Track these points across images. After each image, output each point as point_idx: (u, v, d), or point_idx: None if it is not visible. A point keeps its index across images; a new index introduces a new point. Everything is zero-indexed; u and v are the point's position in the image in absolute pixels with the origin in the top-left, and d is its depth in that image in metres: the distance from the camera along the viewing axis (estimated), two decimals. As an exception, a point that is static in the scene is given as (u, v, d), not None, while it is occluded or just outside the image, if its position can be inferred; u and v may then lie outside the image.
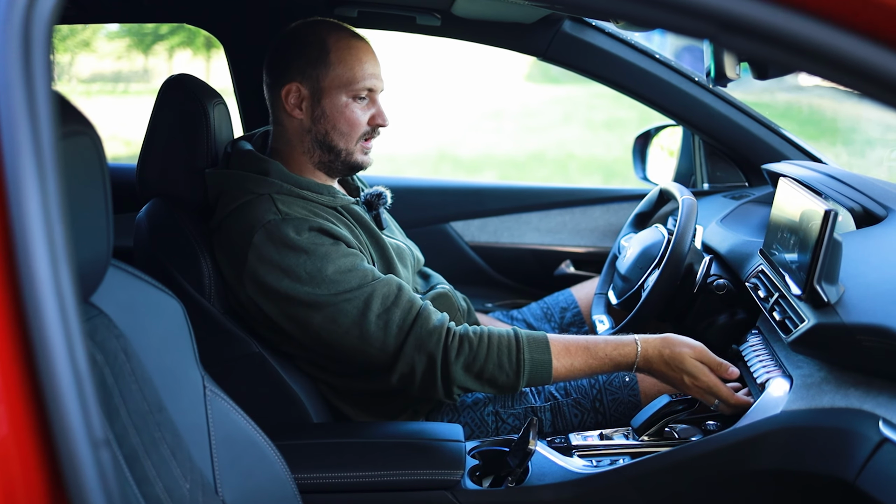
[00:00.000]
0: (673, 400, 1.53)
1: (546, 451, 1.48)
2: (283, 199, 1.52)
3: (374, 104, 1.59)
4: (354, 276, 1.46)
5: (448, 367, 1.45)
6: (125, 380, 1.03)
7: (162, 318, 1.16)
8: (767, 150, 2.07)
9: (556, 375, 1.49)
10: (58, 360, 0.74)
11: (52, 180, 0.75)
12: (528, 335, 1.49)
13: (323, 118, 1.56)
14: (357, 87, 1.55)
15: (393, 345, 1.45)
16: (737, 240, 1.77)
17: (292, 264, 1.44)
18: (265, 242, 1.46)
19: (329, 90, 1.55)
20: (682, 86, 2.04)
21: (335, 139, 1.57)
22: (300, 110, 1.56)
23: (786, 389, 1.37)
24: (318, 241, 1.47)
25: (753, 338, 1.60)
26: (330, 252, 1.46)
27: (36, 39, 0.74)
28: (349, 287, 1.45)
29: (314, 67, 1.54)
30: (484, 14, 1.90)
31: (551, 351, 1.48)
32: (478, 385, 1.48)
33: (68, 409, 0.74)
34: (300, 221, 1.48)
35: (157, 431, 1.06)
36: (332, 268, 1.45)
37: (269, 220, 1.47)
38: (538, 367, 1.47)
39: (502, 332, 1.49)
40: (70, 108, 0.87)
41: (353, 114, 1.56)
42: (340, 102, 1.55)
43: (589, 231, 2.41)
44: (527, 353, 1.46)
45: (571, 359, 1.49)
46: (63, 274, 0.76)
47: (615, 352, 1.50)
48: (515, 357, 1.46)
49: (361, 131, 1.58)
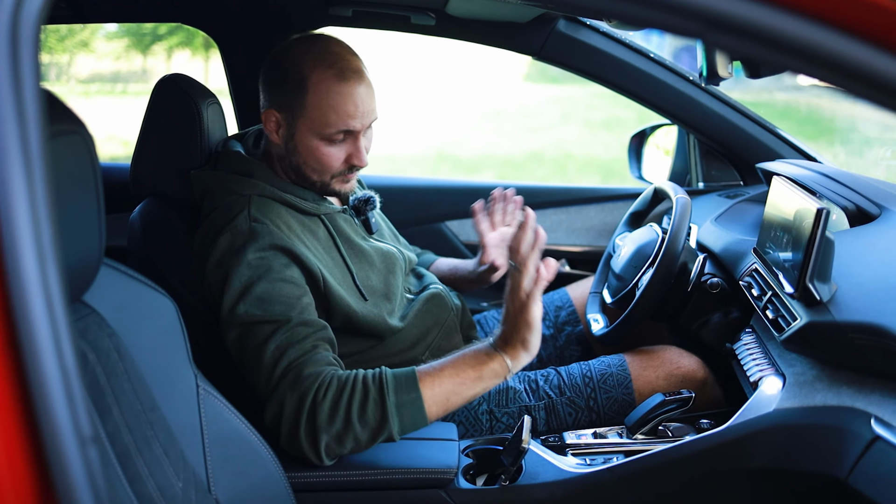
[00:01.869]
0: (666, 399, 1.53)
1: (540, 450, 1.48)
2: (264, 202, 1.50)
3: (353, 144, 1.52)
4: (278, 306, 1.39)
5: (315, 408, 1.31)
6: (117, 378, 1.03)
7: (155, 317, 1.16)
8: (762, 148, 2.07)
9: (432, 411, 1.36)
10: (45, 357, 0.74)
11: (40, 180, 0.74)
12: (395, 375, 1.36)
13: (296, 152, 1.53)
14: (329, 132, 1.49)
15: (274, 380, 1.35)
16: (731, 238, 1.77)
17: (234, 272, 1.42)
18: (225, 246, 1.45)
19: (301, 129, 1.50)
20: (677, 85, 2.05)
21: (308, 172, 1.55)
22: (277, 136, 1.54)
23: (779, 387, 1.37)
24: (269, 258, 1.42)
25: (747, 336, 1.60)
26: (272, 270, 1.41)
27: (24, 38, 0.74)
28: (267, 314, 1.38)
29: (290, 102, 1.50)
30: (478, 13, 1.91)
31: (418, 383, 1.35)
32: (348, 432, 1.32)
33: (56, 406, 0.74)
34: (265, 235, 1.44)
35: (149, 430, 1.06)
36: (261, 288, 1.40)
37: (235, 225, 1.46)
38: (408, 408, 1.34)
39: (371, 375, 1.36)
40: (61, 107, 0.87)
41: (323, 156, 1.51)
42: (311, 144, 1.51)
43: (584, 230, 2.41)
44: (390, 392, 1.33)
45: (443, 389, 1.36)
46: (51, 273, 0.75)
47: (479, 366, 1.37)
48: (378, 397, 1.33)
49: (334, 171, 1.54)
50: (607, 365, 1.71)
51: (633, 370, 1.69)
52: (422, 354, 1.67)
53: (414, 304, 1.69)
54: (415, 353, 1.66)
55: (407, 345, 1.66)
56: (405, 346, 1.65)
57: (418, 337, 1.67)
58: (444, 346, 1.71)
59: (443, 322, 1.72)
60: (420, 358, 1.66)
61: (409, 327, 1.66)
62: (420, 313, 1.68)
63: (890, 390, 1.21)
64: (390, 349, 1.63)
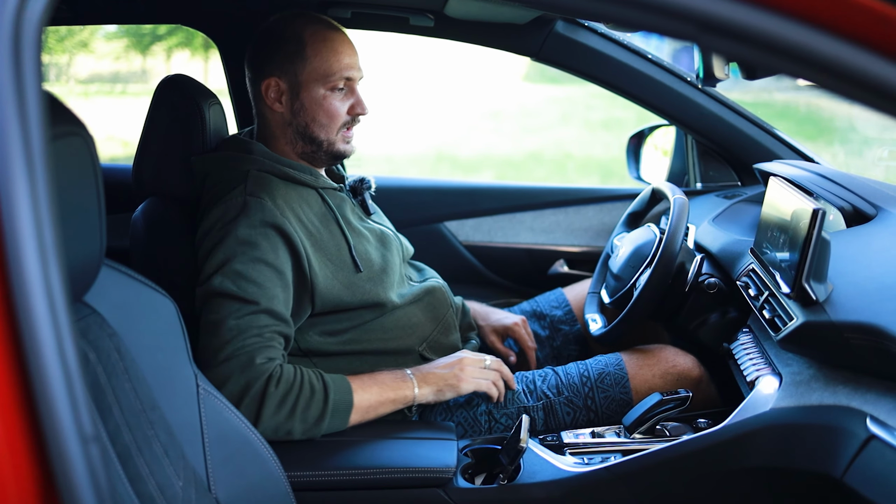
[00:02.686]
0: (664, 398, 1.54)
1: (538, 449, 1.49)
2: (262, 177, 1.55)
3: (353, 94, 1.61)
4: (251, 287, 1.43)
5: (264, 397, 1.39)
6: (118, 378, 1.04)
7: (155, 316, 1.16)
8: (759, 149, 2.08)
9: (353, 418, 1.48)
10: (47, 357, 0.75)
11: (43, 181, 0.75)
12: (333, 378, 1.48)
13: (302, 111, 1.59)
14: (333, 78, 1.57)
15: (225, 354, 1.40)
16: (728, 239, 1.78)
17: (221, 243, 1.46)
18: (217, 216, 1.50)
19: (307, 84, 1.58)
20: (675, 86, 2.05)
21: (316, 130, 1.60)
22: (280, 104, 1.60)
23: (775, 387, 1.38)
24: (258, 236, 1.46)
25: (744, 336, 1.61)
26: (258, 248, 1.46)
27: (26, 41, 0.75)
28: (239, 291, 1.42)
29: (291, 62, 1.57)
30: (476, 15, 1.91)
31: (352, 389, 1.48)
32: (287, 424, 1.41)
33: (58, 405, 0.75)
34: (258, 210, 1.48)
35: (150, 429, 1.07)
36: (242, 264, 1.44)
37: (231, 197, 1.50)
38: (339, 407, 1.45)
39: (315, 374, 1.46)
40: (62, 108, 0.88)
41: (331, 105, 1.59)
42: (318, 95, 1.58)
43: (582, 231, 2.42)
44: (332, 393, 1.45)
45: (368, 396, 1.50)
46: (53, 273, 0.76)
47: (398, 392, 1.53)
48: (323, 398, 1.44)
49: (341, 121, 1.61)
50: (604, 364, 1.72)
51: (630, 369, 1.70)
52: (419, 346, 1.68)
53: (414, 289, 1.71)
54: (411, 341, 1.68)
55: (405, 330, 1.67)
56: (403, 331, 1.67)
57: (416, 324, 1.69)
58: (443, 342, 1.72)
59: (442, 317, 1.73)
60: (417, 349, 1.67)
61: (409, 309, 1.68)
62: (419, 301, 1.71)
63: (885, 389, 1.21)
64: (388, 331, 1.66)
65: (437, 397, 1.57)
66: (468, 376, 1.59)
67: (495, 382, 1.61)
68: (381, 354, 1.64)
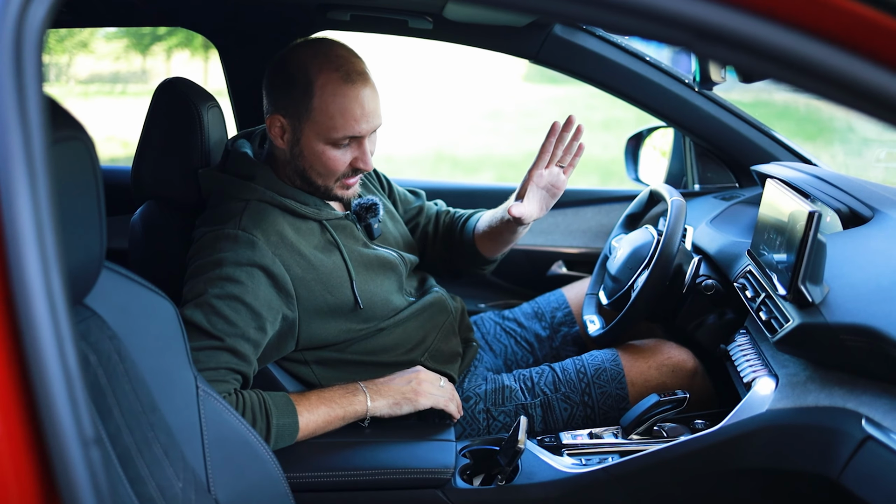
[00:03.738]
0: (661, 399, 1.55)
1: (536, 450, 1.49)
2: (261, 208, 1.51)
3: (359, 148, 1.52)
4: (220, 324, 1.40)
5: None
6: (118, 380, 1.04)
7: (155, 319, 1.17)
8: (757, 151, 2.08)
9: (300, 437, 1.47)
10: (48, 359, 0.75)
11: (44, 185, 0.75)
12: (272, 398, 1.45)
13: (301, 156, 1.53)
14: (336, 136, 1.49)
15: None
16: (725, 240, 1.79)
17: (202, 273, 1.43)
18: (206, 244, 1.47)
19: (307, 133, 1.50)
20: (673, 88, 2.06)
21: (313, 177, 1.55)
22: (282, 141, 1.54)
23: (772, 388, 1.39)
24: (241, 276, 1.43)
25: (741, 337, 1.62)
26: (238, 286, 1.42)
27: (28, 44, 0.75)
28: (206, 325, 1.39)
29: (296, 107, 1.49)
30: (475, 18, 1.92)
31: (297, 412, 1.46)
32: None
33: (58, 407, 0.75)
34: (247, 248, 1.45)
35: (150, 431, 1.07)
36: (217, 299, 1.40)
37: (223, 228, 1.47)
38: (284, 431, 1.44)
39: (253, 397, 1.43)
40: (62, 112, 0.88)
41: (329, 160, 1.51)
42: (317, 148, 1.51)
43: (581, 232, 2.43)
44: (275, 417, 1.42)
45: (314, 417, 1.48)
46: (54, 276, 0.76)
47: (348, 408, 1.51)
48: (265, 425, 1.41)
49: (340, 174, 1.54)
50: (601, 360, 1.72)
51: (625, 363, 1.71)
52: (420, 356, 1.68)
53: (414, 307, 1.70)
54: (413, 355, 1.68)
55: (406, 347, 1.67)
56: (403, 347, 1.67)
57: (418, 340, 1.69)
58: (443, 349, 1.73)
59: (441, 325, 1.74)
60: (419, 360, 1.68)
61: (409, 325, 1.67)
62: (419, 317, 1.70)
63: (881, 391, 1.22)
64: (388, 348, 1.65)
65: (393, 411, 1.54)
66: (425, 391, 1.57)
67: (452, 400, 1.60)
68: (382, 366, 1.64)
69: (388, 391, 1.55)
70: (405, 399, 1.55)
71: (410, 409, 1.55)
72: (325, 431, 1.50)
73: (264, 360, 1.52)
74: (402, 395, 1.55)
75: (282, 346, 1.54)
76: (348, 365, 1.62)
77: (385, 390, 1.55)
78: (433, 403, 1.57)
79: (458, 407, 1.63)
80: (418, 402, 1.56)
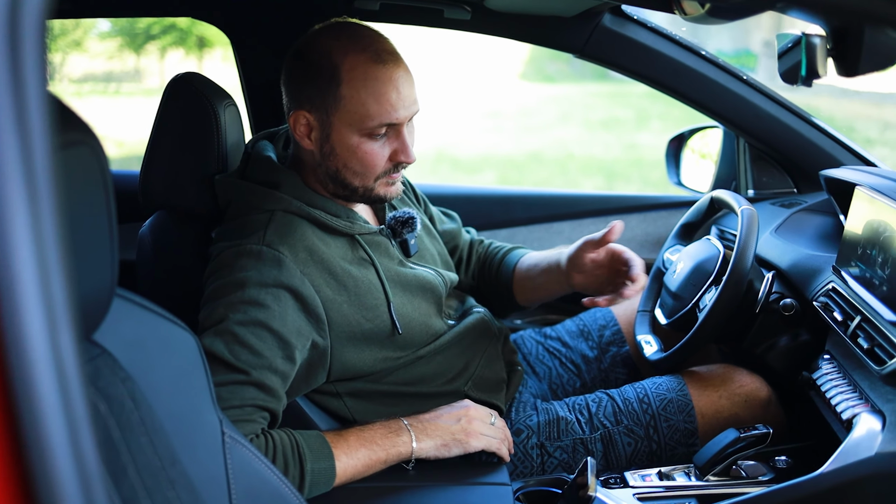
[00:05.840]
0: (741, 435, 1.37)
1: (603, 495, 1.32)
2: (287, 220, 1.33)
3: (398, 138, 1.35)
4: (244, 354, 1.23)
5: None
6: (133, 432, 0.88)
7: (173, 354, 1.01)
8: (821, 154, 1.91)
9: (337, 482, 1.30)
10: (50, 420, 0.61)
11: (47, 199, 0.61)
12: (306, 440, 1.28)
13: (333, 155, 1.35)
14: (370, 125, 1.31)
15: None
16: (798, 253, 1.62)
17: (224, 294, 1.26)
18: (227, 261, 1.29)
19: (338, 126, 1.32)
20: (730, 85, 1.89)
21: (348, 177, 1.36)
22: (309, 140, 1.36)
23: (878, 428, 1.21)
24: (267, 298, 1.26)
25: (827, 364, 1.44)
26: (263, 310, 1.25)
27: (25, 33, 0.60)
28: (229, 357, 1.23)
29: (323, 98, 1.31)
30: (520, 7, 1.74)
31: (334, 455, 1.29)
32: None
33: (65, 485, 0.61)
34: (273, 266, 1.28)
35: (170, 490, 0.91)
36: (240, 326, 1.23)
37: (246, 243, 1.29)
38: (319, 477, 1.27)
39: (284, 438, 1.27)
40: (69, 113, 0.73)
41: (366, 154, 1.33)
42: (351, 142, 1.33)
43: (625, 242, 2.23)
44: (309, 462, 1.26)
45: (353, 461, 1.31)
46: (59, 312, 0.62)
47: (391, 450, 1.34)
48: (299, 472, 1.25)
49: (380, 170, 1.36)
50: (665, 389, 1.55)
51: (694, 393, 1.54)
52: (464, 385, 1.51)
53: (454, 331, 1.52)
54: (456, 384, 1.50)
55: (448, 376, 1.49)
56: (444, 376, 1.49)
57: (460, 368, 1.51)
58: (487, 376, 1.55)
59: (484, 349, 1.56)
60: (462, 389, 1.50)
61: (450, 357, 1.49)
62: (461, 342, 1.52)
63: None
64: (427, 378, 1.47)
65: (440, 453, 1.37)
66: (477, 430, 1.38)
67: (504, 441, 1.43)
68: (422, 398, 1.46)
69: (435, 431, 1.37)
70: (455, 441, 1.37)
71: (460, 451, 1.37)
72: (364, 476, 1.32)
73: (291, 395, 1.34)
74: (451, 436, 1.37)
75: (311, 379, 1.36)
76: (385, 397, 1.44)
77: (432, 429, 1.37)
78: (485, 445, 1.39)
79: (511, 447, 1.45)
80: (469, 444, 1.37)
